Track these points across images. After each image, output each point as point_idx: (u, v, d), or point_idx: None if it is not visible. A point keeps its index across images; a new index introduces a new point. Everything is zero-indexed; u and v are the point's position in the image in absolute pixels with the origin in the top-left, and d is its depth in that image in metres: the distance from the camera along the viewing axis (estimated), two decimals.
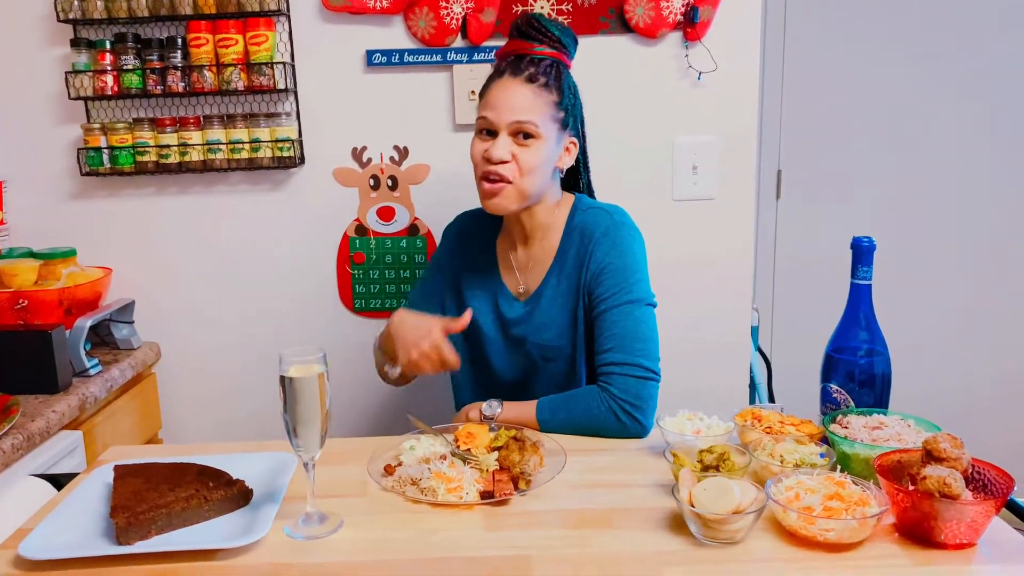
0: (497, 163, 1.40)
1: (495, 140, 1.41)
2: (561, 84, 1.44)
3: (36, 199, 2.07)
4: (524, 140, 1.41)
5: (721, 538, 1.00)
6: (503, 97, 1.41)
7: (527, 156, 1.41)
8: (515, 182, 1.42)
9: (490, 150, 1.41)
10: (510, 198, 1.43)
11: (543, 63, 1.43)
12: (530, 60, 1.43)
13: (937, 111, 2.92)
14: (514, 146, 1.41)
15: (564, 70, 1.47)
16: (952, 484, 0.96)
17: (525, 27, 1.45)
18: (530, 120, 1.40)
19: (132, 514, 1.03)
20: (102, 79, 1.93)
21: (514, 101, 1.40)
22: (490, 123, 1.42)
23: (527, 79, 1.41)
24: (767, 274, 3.06)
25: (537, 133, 1.41)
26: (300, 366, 1.04)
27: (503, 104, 1.41)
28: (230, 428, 2.16)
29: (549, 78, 1.42)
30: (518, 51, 1.45)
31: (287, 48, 1.97)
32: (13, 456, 1.47)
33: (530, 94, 1.41)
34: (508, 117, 1.40)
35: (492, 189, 1.42)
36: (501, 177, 1.41)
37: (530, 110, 1.40)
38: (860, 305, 1.28)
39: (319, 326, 2.12)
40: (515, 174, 1.41)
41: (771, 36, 2.89)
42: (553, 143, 1.44)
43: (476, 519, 1.10)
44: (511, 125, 1.40)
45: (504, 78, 1.43)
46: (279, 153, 1.97)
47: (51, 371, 1.69)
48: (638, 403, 1.37)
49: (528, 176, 1.42)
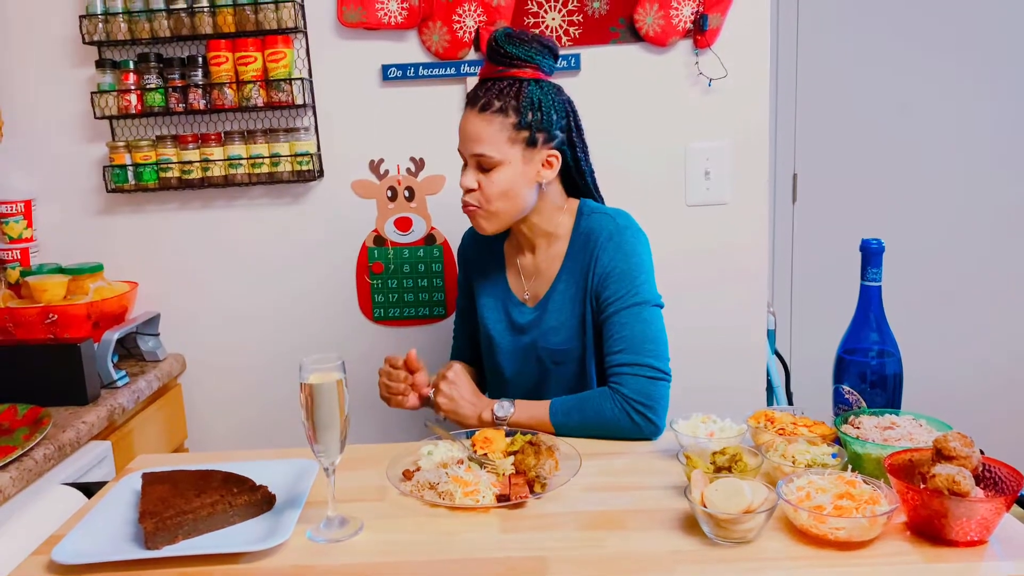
0: (466, 192, 1.48)
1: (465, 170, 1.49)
2: (520, 104, 1.44)
3: (64, 216, 2.13)
4: (484, 170, 1.46)
5: (733, 538, 1.01)
6: (463, 129, 1.48)
7: (488, 184, 1.46)
8: (483, 206, 1.48)
9: (461, 180, 1.48)
10: (486, 221, 1.50)
11: (497, 87, 1.44)
12: (488, 87, 1.46)
13: (952, 113, 2.92)
14: (479, 174, 1.47)
15: (528, 87, 1.45)
16: (962, 482, 0.97)
17: (489, 52, 1.47)
18: (482, 152, 1.45)
19: (160, 519, 1.07)
20: (126, 98, 1.98)
21: (469, 132, 1.46)
22: (462, 155, 1.50)
23: (480, 109, 1.45)
24: (785, 277, 3.06)
25: (494, 161, 1.45)
26: (320, 373, 1.07)
27: (463, 136, 1.48)
28: (254, 436, 2.20)
29: (505, 101, 1.43)
30: (482, 76, 1.49)
31: (305, 64, 2.01)
32: (45, 466, 1.51)
33: (482, 123, 1.44)
34: (467, 149, 1.47)
35: (469, 214, 1.51)
36: (469, 204, 1.49)
37: (480, 140, 1.45)
38: (871, 306, 1.29)
39: (340, 336, 2.16)
40: (480, 200, 1.48)
41: (784, 41, 2.90)
42: (519, 164, 1.46)
43: (493, 522, 1.12)
44: (471, 157, 1.47)
45: (466, 110, 1.48)
46: (298, 167, 2.02)
47: (80, 383, 1.74)
48: (650, 403, 1.39)
49: (495, 201, 1.47)
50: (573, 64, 1.99)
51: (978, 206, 2.97)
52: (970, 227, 2.98)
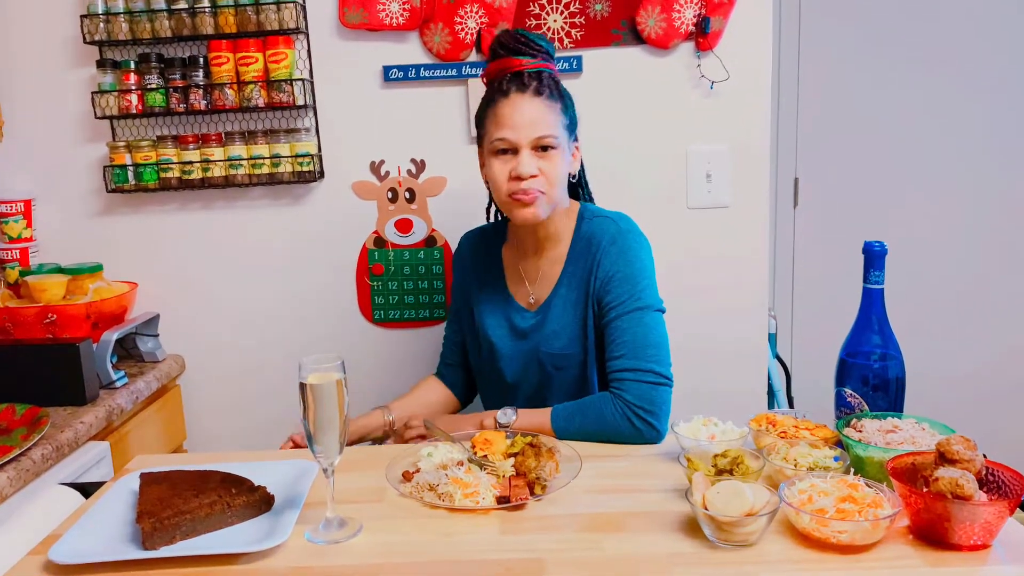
0: (528, 179, 1.42)
1: (518, 157, 1.43)
2: (561, 92, 1.48)
3: (64, 216, 2.12)
4: (544, 152, 1.43)
5: (734, 541, 1.01)
6: (518, 115, 1.42)
7: (550, 167, 1.43)
8: (547, 192, 1.44)
9: (517, 168, 1.42)
10: (543, 207, 1.46)
11: (543, 75, 1.45)
12: (528, 75, 1.45)
13: (954, 118, 2.92)
14: (537, 161, 1.43)
15: (558, 79, 1.50)
16: (965, 485, 0.96)
17: (513, 43, 1.46)
18: (549, 133, 1.42)
19: (157, 520, 1.06)
20: (127, 98, 1.98)
21: (530, 116, 1.42)
22: (510, 143, 1.43)
23: (535, 92, 1.43)
24: (786, 281, 3.06)
25: (556, 144, 1.43)
26: (319, 373, 1.07)
27: (520, 122, 1.42)
28: (253, 437, 2.18)
29: (551, 89, 1.45)
30: (512, 67, 1.46)
31: (306, 65, 2.01)
32: (43, 466, 1.51)
33: (543, 107, 1.43)
34: (529, 134, 1.42)
35: (527, 201, 1.44)
36: (533, 190, 1.43)
37: (546, 123, 1.42)
38: (873, 309, 1.29)
39: (340, 337, 2.15)
40: (544, 186, 1.44)
41: (786, 45, 2.90)
42: (567, 151, 1.47)
43: (492, 523, 1.11)
44: (532, 141, 1.42)
45: (512, 96, 1.43)
46: (299, 168, 2.01)
47: (79, 383, 1.74)
48: (652, 408, 1.38)
49: (555, 186, 1.45)
50: (575, 66, 1.98)
51: (980, 210, 2.96)
52: (972, 231, 2.98)
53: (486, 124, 1.47)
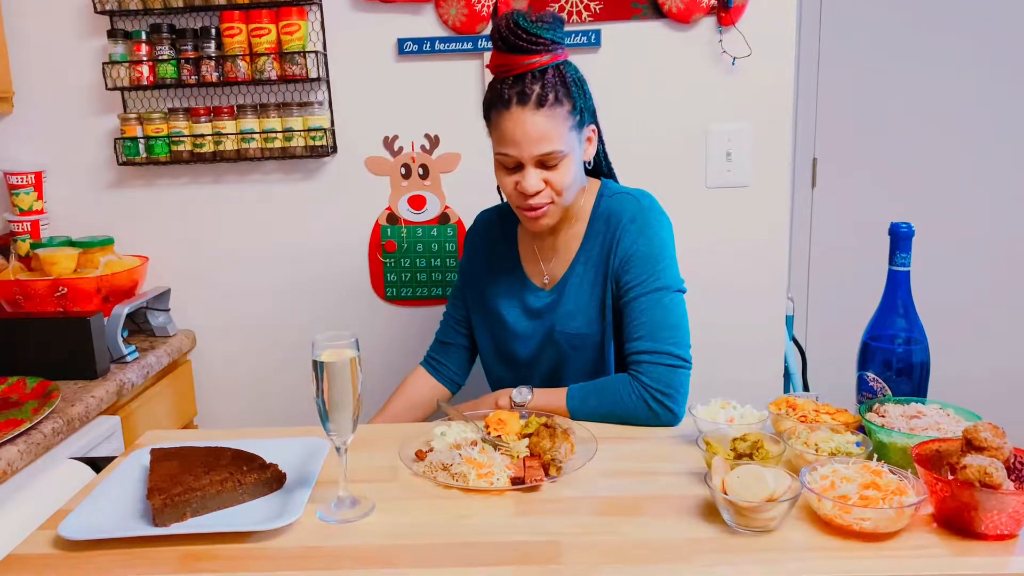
0: (532, 194, 1.38)
1: (523, 173, 1.37)
2: (568, 87, 1.36)
3: (74, 189, 2.11)
4: (551, 166, 1.37)
5: (754, 526, 0.99)
6: (520, 132, 1.34)
7: (558, 178, 1.38)
8: (556, 201, 1.40)
9: (522, 183, 1.37)
10: (554, 216, 1.43)
11: (546, 76, 1.34)
12: (532, 78, 1.34)
13: (978, 99, 2.86)
14: (543, 173, 1.38)
15: (566, 68, 1.38)
16: (994, 474, 0.94)
17: (513, 39, 1.33)
18: (553, 149, 1.35)
19: (168, 496, 1.05)
20: (138, 69, 1.95)
21: (532, 133, 1.34)
22: (513, 159, 1.38)
23: (537, 104, 1.33)
24: (803, 262, 3.02)
25: (561, 155, 1.36)
26: (332, 351, 1.05)
27: (521, 139, 1.34)
28: (264, 414, 2.18)
29: (557, 91, 1.34)
30: (514, 68, 1.35)
31: (319, 37, 1.98)
32: (53, 440, 1.50)
33: (545, 121, 1.34)
34: (530, 151, 1.35)
35: (536, 215, 1.41)
36: (541, 204, 1.39)
37: (549, 139, 1.34)
38: (898, 292, 1.26)
39: (351, 314, 2.13)
40: (552, 197, 1.39)
41: (807, 22, 2.84)
42: (577, 151, 1.41)
43: (507, 505, 1.10)
44: (536, 158, 1.36)
45: (513, 110, 1.34)
46: (312, 142, 1.99)
47: (90, 357, 1.73)
48: (669, 391, 1.35)
49: (566, 193, 1.40)
50: (593, 40, 1.94)
51: (1006, 195, 2.91)
52: (998, 215, 2.92)
53: (490, 128, 1.41)
